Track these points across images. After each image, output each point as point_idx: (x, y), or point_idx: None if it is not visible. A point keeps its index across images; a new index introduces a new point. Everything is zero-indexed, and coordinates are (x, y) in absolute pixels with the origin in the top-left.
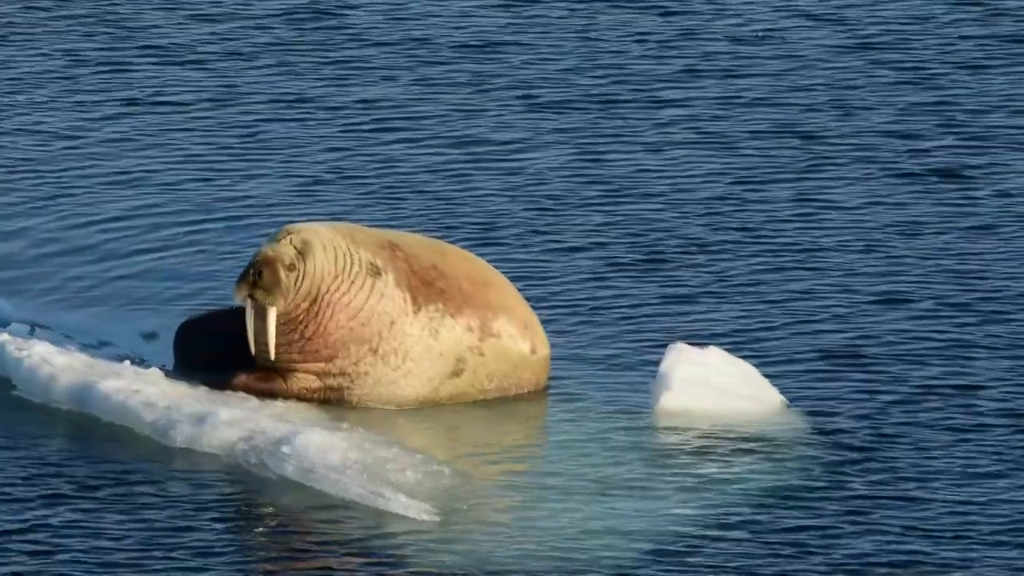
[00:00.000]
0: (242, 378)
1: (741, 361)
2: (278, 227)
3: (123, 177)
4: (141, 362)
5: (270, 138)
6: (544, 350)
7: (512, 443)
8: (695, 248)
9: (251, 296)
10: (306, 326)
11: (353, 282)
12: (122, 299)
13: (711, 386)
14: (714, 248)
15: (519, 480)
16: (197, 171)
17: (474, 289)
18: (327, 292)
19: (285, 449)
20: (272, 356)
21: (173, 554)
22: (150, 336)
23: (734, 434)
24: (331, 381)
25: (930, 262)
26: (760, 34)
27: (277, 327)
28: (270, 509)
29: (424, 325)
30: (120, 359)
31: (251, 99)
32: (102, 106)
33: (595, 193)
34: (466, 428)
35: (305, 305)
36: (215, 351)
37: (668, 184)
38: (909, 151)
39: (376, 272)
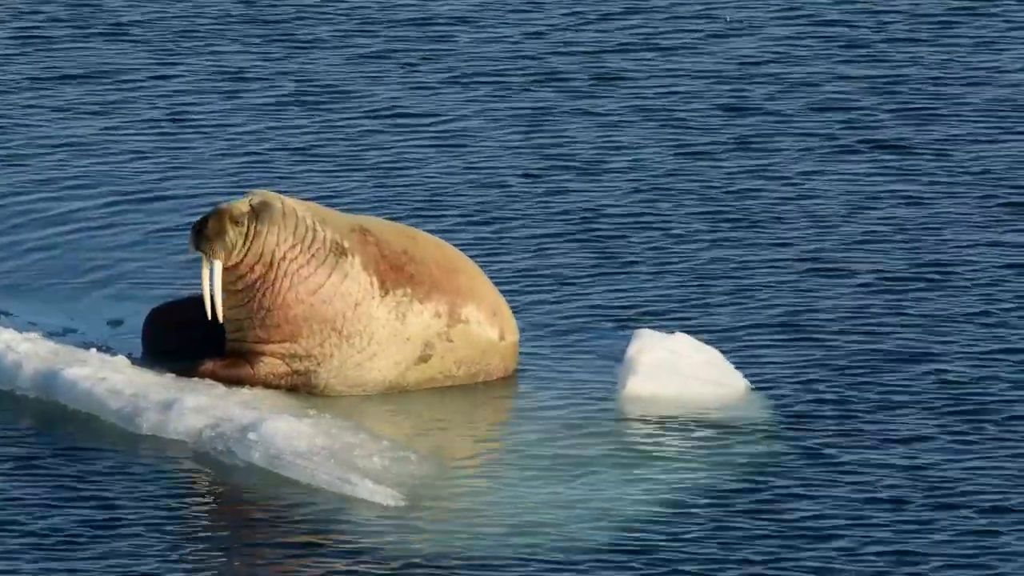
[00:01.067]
0: (209, 365)
1: (707, 346)
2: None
3: (85, 160)
4: (107, 349)
5: (222, 114)
6: (513, 336)
7: (479, 429)
8: (647, 224)
9: (198, 247)
10: (264, 295)
11: (313, 256)
12: (88, 285)
13: (676, 371)
14: (664, 224)
15: (486, 466)
16: (154, 154)
17: (443, 275)
18: (283, 259)
19: (252, 436)
20: (220, 316)
21: (138, 540)
22: (116, 323)
23: (697, 418)
24: (297, 364)
25: (876, 235)
26: (729, 19)
27: (235, 292)
28: (237, 496)
29: (391, 309)
30: (86, 346)
31: (192, 74)
32: (52, 82)
33: (540, 170)
34: (433, 414)
35: (260, 270)
36: (183, 339)
37: (614, 160)
38: (852, 124)
39: (341, 252)
